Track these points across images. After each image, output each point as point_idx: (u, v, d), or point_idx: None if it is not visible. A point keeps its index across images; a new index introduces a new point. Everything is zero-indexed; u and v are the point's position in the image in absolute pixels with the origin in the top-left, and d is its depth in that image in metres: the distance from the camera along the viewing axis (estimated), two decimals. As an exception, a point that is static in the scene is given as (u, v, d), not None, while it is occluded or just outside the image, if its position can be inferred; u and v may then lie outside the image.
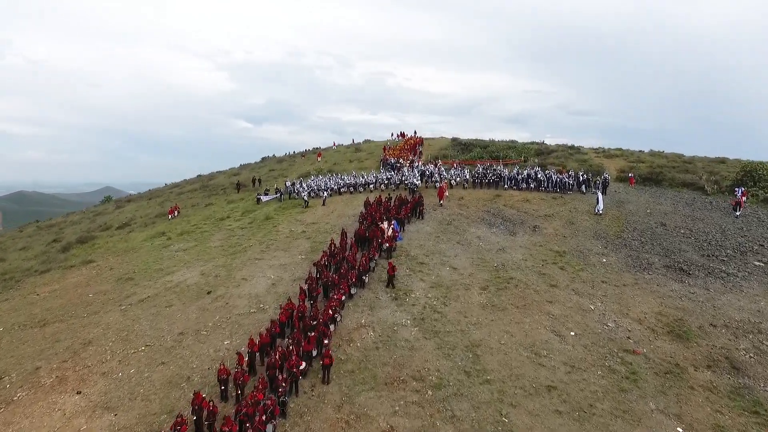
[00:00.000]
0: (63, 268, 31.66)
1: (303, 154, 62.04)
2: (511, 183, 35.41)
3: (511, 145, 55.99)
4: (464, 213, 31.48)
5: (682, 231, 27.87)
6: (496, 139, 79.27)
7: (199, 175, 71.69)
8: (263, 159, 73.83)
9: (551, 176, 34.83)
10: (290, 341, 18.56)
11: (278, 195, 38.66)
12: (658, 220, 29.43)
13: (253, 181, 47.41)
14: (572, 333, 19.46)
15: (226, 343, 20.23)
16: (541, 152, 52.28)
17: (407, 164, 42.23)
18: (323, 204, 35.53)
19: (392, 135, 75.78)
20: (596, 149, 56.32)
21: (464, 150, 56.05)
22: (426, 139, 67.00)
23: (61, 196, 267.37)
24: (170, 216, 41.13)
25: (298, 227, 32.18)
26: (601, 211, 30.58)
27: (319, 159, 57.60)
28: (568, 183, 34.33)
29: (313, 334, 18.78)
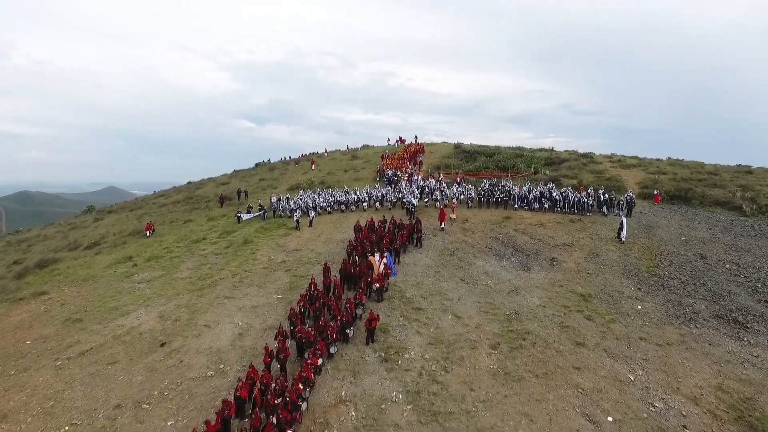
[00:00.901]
0: (11, 302, 27.24)
1: (297, 162, 57.60)
2: (522, 202, 30.78)
3: (519, 153, 51.35)
4: (469, 240, 26.89)
5: (728, 266, 23.20)
6: (502, 145, 74.57)
7: (189, 182, 67.46)
8: (257, 165, 69.57)
9: (568, 195, 30.15)
10: (244, 434, 14.08)
11: (261, 212, 34.14)
12: (696, 250, 24.76)
13: (239, 193, 42.96)
14: (610, 418, 14.88)
15: (169, 423, 15.77)
16: (551, 161, 47.60)
17: (405, 177, 37.68)
18: (310, 225, 31.01)
19: (388, 141, 71.16)
20: (609, 157, 51.65)
21: (468, 158, 51.44)
22: (427, 145, 62.41)
23: (64, 196, 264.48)
24: (147, 233, 36.81)
25: (279, 255, 27.70)
26: (625, 239, 25.99)
27: (313, 167, 53.22)
28: (587, 203, 29.65)
29: (272, 419, 14.31)
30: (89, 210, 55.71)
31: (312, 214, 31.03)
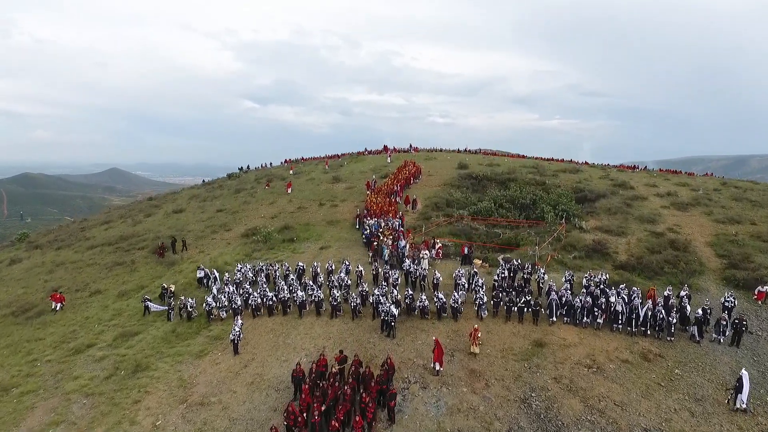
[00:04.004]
0: None
1: (268, 182, 45.76)
2: (562, 308, 19.02)
3: (539, 181, 39.36)
4: (480, 405, 15.39)
5: None
6: (513, 153, 62.58)
7: (150, 198, 56.24)
8: (230, 176, 58.29)
9: (636, 305, 18.38)
10: None
11: (168, 308, 22.27)
12: None
13: (173, 243, 31.40)
14: None
15: None
16: (582, 196, 35.71)
17: (389, 239, 25.96)
18: (239, 337, 19.34)
19: (366, 150, 59.68)
20: (653, 184, 39.56)
21: (476, 186, 39.59)
22: (426, 158, 50.33)
23: (67, 178, 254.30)
24: (53, 306, 26.08)
25: (173, 413, 16.41)
26: (746, 405, 14.59)
27: (289, 190, 41.75)
28: (668, 321, 17.96)
29: None
30: (21, 238, 44.56)
31: (239, 324, 19.30)
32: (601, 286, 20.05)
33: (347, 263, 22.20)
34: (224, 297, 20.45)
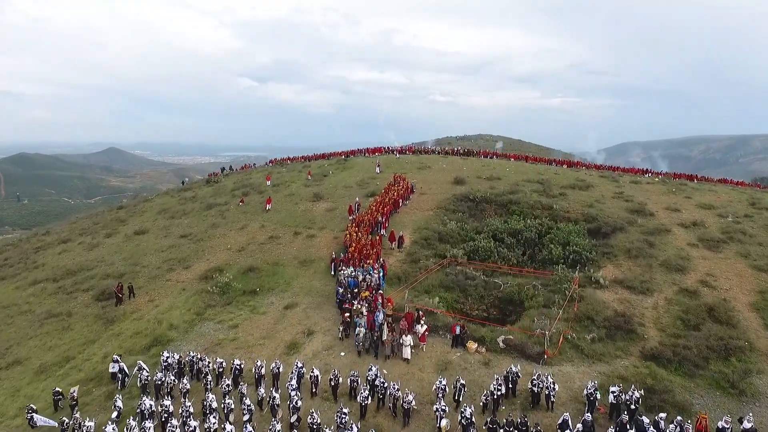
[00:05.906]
0: None
1: (242, 198, 40.11)
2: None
3: (546, 204, 33.72)
4: None
5: None
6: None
7: (119, 207, 50.82)
8: (208, 181, 52.91)
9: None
10: None
11: (60, 425, 16.39)
12: None
13: (119, 291, 26.11)
14: None
15: None
16: (597, 229, 30.15)
17: (365, 301, 20.71)
18: None
19: (345, 155, 54.11)
20: (674, 207, 33.79)
21: (473, 209, 34.05)
22: (420, 165, 44.64)
23: (64, 158, 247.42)
24: None
25: None
26: None
27: (268, 207, 36.52)
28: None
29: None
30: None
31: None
32: (633, 407, 14.88)
33: (299, 365, 16.81)
34: (133, 421, 15.02)
